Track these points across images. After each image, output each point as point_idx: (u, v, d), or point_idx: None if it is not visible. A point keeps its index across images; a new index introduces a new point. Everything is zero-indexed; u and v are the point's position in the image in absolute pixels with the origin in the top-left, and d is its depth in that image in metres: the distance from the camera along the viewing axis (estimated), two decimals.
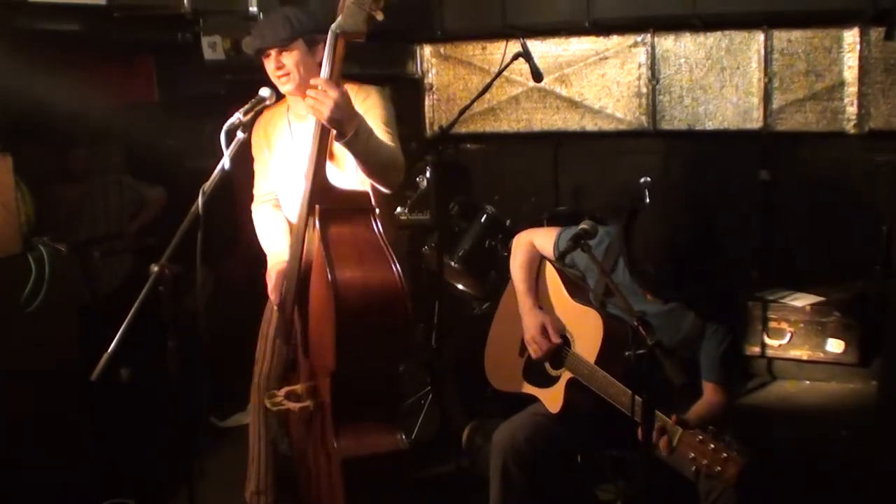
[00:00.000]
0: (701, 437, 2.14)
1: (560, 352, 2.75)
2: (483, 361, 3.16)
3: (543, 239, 2.95)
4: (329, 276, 2.44)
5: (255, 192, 3.11)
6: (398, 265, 2.54)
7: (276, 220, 3.03)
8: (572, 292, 2.86)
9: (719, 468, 2.09)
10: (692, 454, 2.16)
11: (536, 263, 2.98)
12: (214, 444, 3.96)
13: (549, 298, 2.92)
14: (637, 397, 2.23)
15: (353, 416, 2.58)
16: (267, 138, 2.99)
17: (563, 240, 2.82)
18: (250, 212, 3.14)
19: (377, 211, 2.64)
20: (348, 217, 2.59)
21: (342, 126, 2.47)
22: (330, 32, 2.51)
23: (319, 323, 2.59)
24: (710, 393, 2.60)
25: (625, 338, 2.55)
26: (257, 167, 3.07)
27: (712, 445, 2.11)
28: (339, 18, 2.48)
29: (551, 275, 2.96)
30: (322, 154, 2.56)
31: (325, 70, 2.50)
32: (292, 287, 2.69)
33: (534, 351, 2.79)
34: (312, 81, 2.45)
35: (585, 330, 2.66)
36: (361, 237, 2.58)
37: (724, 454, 2.09)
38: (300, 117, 2.92)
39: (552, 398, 2.72)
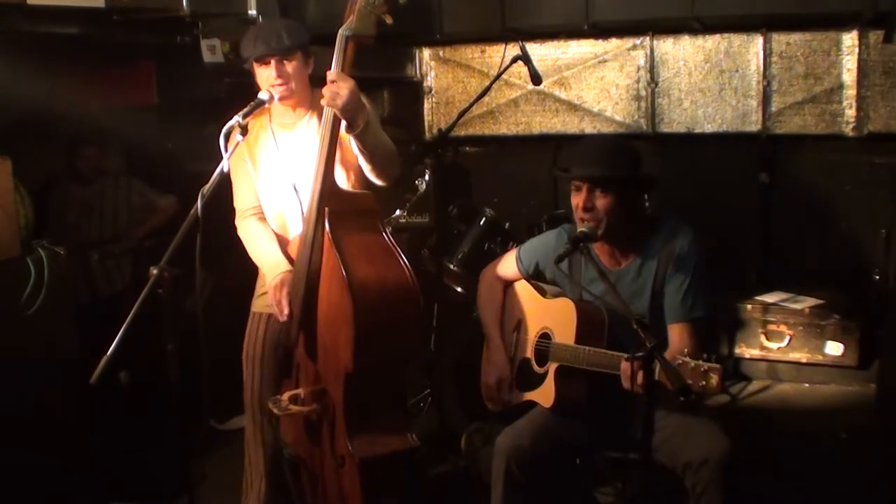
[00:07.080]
0: (680, 361, 2.25)
1: (543, 348, 2.83)
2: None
3: (502, 265, 3.09)
4: (345, 277, 2.49)
5: (238, 206, 3.03)
6: (408, 264, 2.62)
7: (266, 232, 2.97)
8: (544, 293, 2.99)
9: (703, 382, 2.20)
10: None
11: (499, 294, 3.10)
12: (214, 447, 3.96)
13: (526, 311, 3.00)
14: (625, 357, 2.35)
15: (364, 417, 2.62)
16: (249, 150, 2.92)
17: (525, 252, 2.99)
18: None
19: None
20: (356, 218, 2.66)
21: (355, 117, 2.55)
22: (340, 36, 2.54)
23: (333, 325, 2.61)
24: (675, 337, 2.65)
25: (599, 316, 2.69)
26: (238, 181, 2.99)
27: (692, 364, 2.22)
28: (349, 22, 2.51)
29: (522, 290, 3.05)
30: (331, 157, 2.61)
31: (335, 72, 2.55)
32: (301, 290, 2.69)
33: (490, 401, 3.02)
34: (329, 76, 2.53)
35: (561, 319, 2.76)
36: (370, 237, 2.66)
37: (704, 367, 2.21)
38: (286, 126, 2.91)
39: (545, 394, 2.77)
